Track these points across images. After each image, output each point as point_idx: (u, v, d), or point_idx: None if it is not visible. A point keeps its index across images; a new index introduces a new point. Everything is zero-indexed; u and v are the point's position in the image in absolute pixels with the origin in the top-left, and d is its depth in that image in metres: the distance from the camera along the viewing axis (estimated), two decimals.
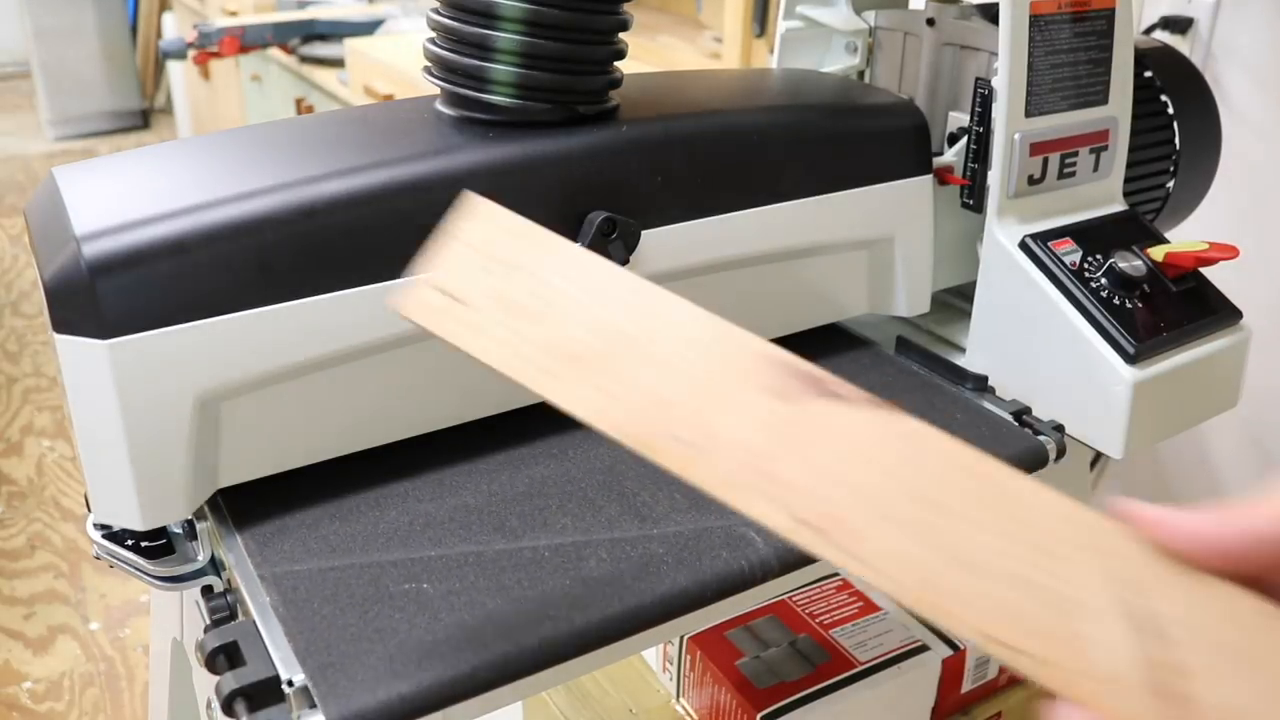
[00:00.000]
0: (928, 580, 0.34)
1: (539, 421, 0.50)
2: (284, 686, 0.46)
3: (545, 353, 0.40)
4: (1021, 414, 0.69)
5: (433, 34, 0.63)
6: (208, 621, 0.53)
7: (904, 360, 0.76)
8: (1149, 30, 1.20)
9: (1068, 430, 0.70)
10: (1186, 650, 0.32)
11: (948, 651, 0.87)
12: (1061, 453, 0.67)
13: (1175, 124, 0.85)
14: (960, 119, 0.78)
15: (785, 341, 0.74)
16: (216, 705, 0.46)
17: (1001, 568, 0.34)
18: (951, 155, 0.77)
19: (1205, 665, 0.32)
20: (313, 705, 0.46)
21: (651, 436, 0.37)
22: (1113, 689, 0.32)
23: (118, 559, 0.56)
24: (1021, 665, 0.33)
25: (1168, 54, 0.89)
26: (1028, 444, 0.66)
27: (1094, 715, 0.31)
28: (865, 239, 0.74)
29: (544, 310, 0.41)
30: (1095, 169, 0.77)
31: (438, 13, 0.62)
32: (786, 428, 0.37)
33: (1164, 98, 0.85)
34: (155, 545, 0.57)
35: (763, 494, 0.36)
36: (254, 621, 0.50)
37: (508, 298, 0.41)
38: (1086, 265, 0.72)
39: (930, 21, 0.80)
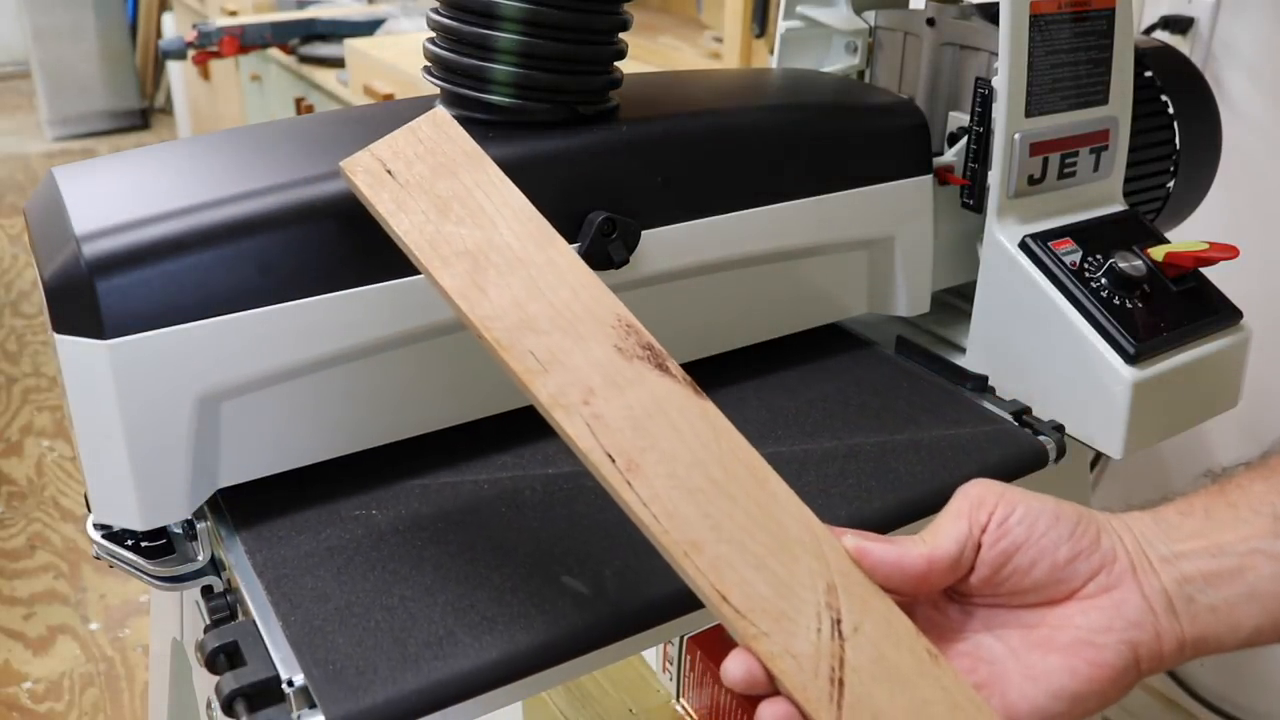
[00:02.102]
0: (688, 536, 0.41)
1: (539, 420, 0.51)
2: (284, 686, 0.46)
3: (446, 243, 0.46)
4: (1021, 414, 0.69)
5: (433, 34, 0.63)
6: (208, 621, 0.53)
7: (904, 360, 0.76)
8: (1149, 30, 1.20)
9: (1068, 430, 0.69)
10: (857, 651, 0.40)
11: None
12: (1061, 453, 0.67)
13: (1175, 124, 0.85)
14: (960, 119, 0.77)
15: (785, 341, 0.75)
16: (216, 705, 0.46)
17: (747, 546, 0.41)
18: (951, 155, 0.77)
19: (866, 667, 0.40)
20: (313, 705, 0.46)
21: (509, 342, 0.44)
22: (799, 666, 0.40)
23: (118, 559, 0.56)
24: (740, 629, 0.40)
25: (1168, 54, 0.89)
26: (1028, 444, 0.66)
27: (758, 666, 0.40)
28: (865, 239, 0.74)
29: (458, 212, 0.47)
30: (1095, 169, 0.77)
31: (438, 13, 0.62)
32: (619, 378, 0.43)
33: (1164, 98, 0.85)
34: (155, 545, 0.57)
35: (582, 419, 0.42)
36: (254, 621, 0.50)
37: (433, 190, 0.48)
38: (1086, 265, 0.72)
39: (930, 21, 0.80)
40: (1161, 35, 1.18)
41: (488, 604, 0.51)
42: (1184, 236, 0.79)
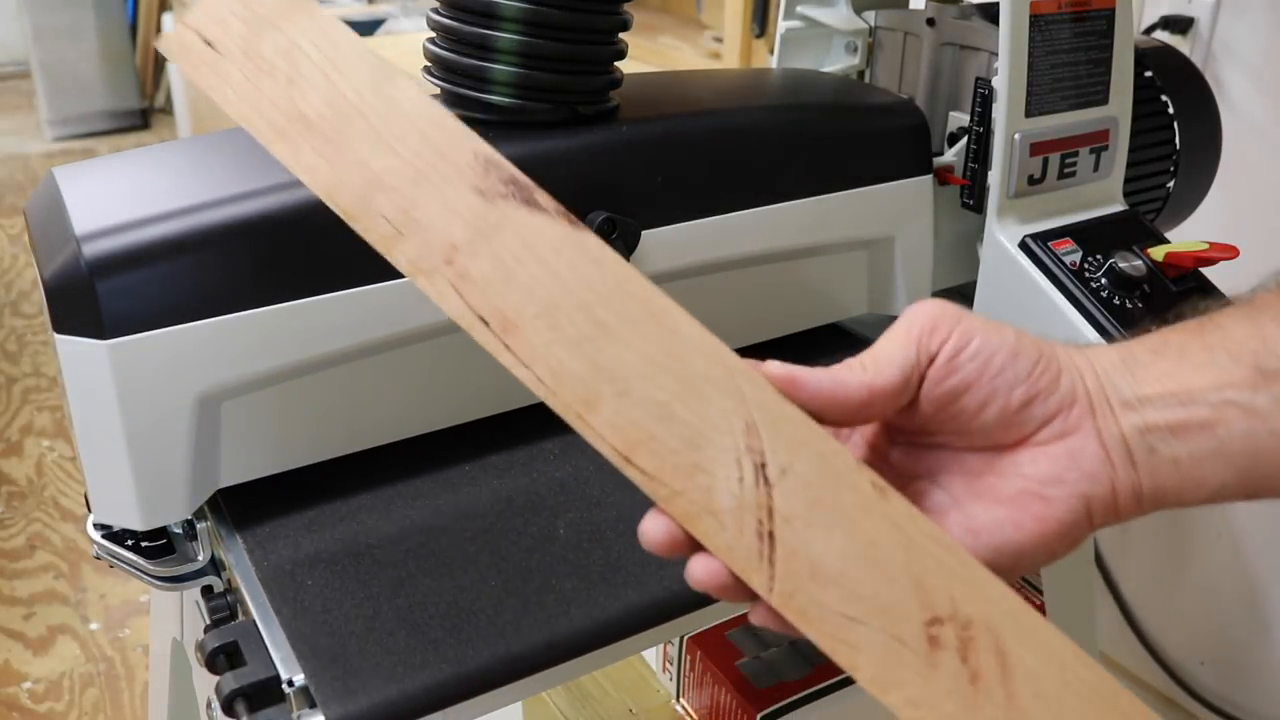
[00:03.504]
0: (580, 394, 0.37)
1: (542, 421, 0.51)
2: (284, 686, 0.46)
3: (279, 111, 0.41)
4: None
5: (433, 34, 0.63)
6: (208, 621, 0.53)
7: None
8: (1149, 30, 1.20)
9: None
10: (787, 497, 0.36)
11: None
12: None
13: (1175, 124, 0.85)
14: (960, 119, 0.77)
15: (785, 341, 0.75)
16: (216, 705, 0.46)
17: (649, 395, 0.36)
18: (951, 155, 0.77)
19: (799, 513, 0.36)
20: (313, 705, 0.46)
21: (359, 210, 0.39)
22: (720, 524, 0.36)
23: (118, 559, 0.56)
24: (653, 491, 0.36)
25: (1168, 54, 0.89)
26: None
27: (678, 527, 0.36)
28: (865, 239, 0.74)
29: (286, 70, 0.42)
30: (1095, 169, 0.77)
31: (438, 13, 0.62)
32: (483, 225, 0.38)
33: (1164, 98, 0.85)
34: (155, 545, 0.57)
35: (447, 282, 0.38)
36: (254, 621, 0.50)
37: (256, 52, 0.42)
38: (1086, 265, 0.72)
39: (930, 21, 0.80)
40: (1161, 35, 1.18)
41: (496, 605, 0.51)
42: (1184, 236, 0.79)
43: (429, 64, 0.64)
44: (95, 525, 0.56)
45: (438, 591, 0.52)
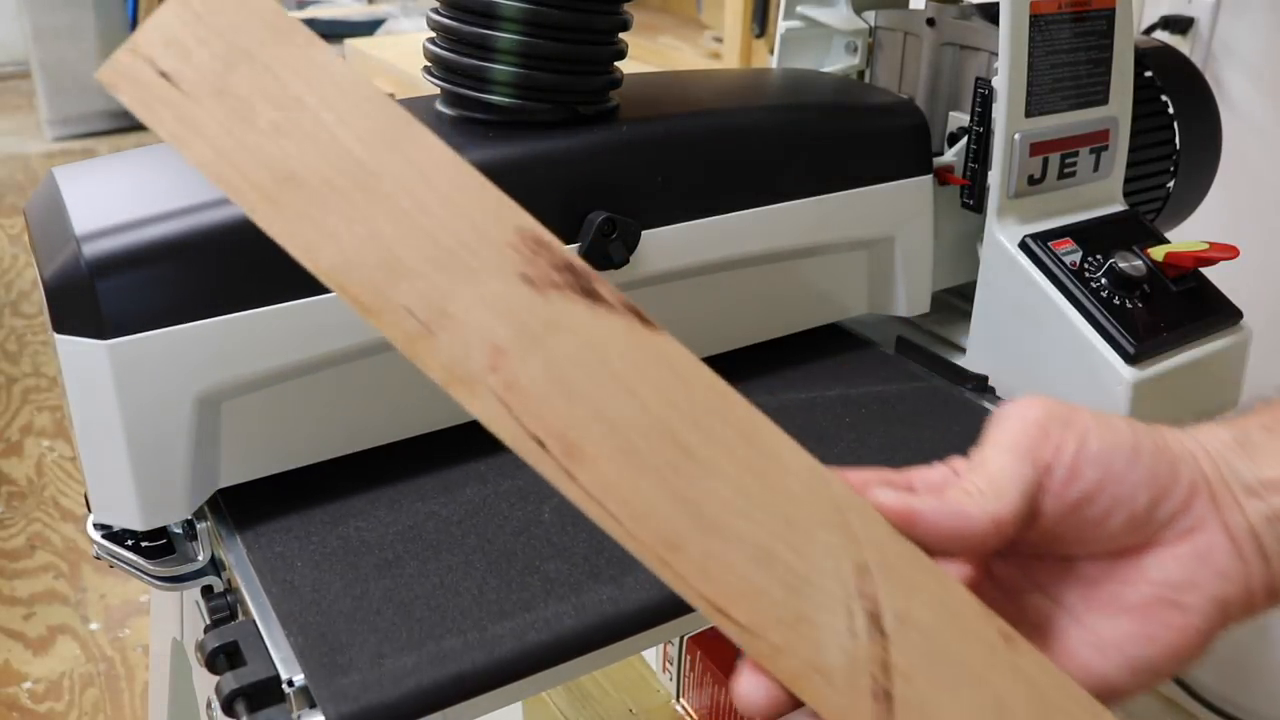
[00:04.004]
0: (661, 534, 0.31)
1: None
2: (284, 686, 0.46)
3: (264, 169, 0.32)
4: None
5: (433, 34, 0.63)
6: (208, 621, 0.53)
7: (904, 360, 0.76)
8: (1149, 30, 1.20)
9: None
10: (905, 650, 0.31)
11: None
12: None
13: (1175, 124, 0.85)
14: (960, 119, 0.77)
15: (785, 342, 0.75)
16: (216, 705, 0.46)
17: (744, 533, 0.31)
18: (951, 155, 0.77)
19: (919, 669, 0.31)
20: (313, 705, 0.46)
21: (375, 299, 0.32)
22: (830, 684, 0.31)
23: (118, 559, 0.56)
24: (752, 647, 0.31)
25: (1168, 54, 0.89)
26: None
27: (779, 688, 0.31)
28: (865, 239, 0.74)
29: (271, 116, 0.32)
30: (1095, 169, 0.77)
31: (438, 13, 0.62)
32: (534, 322, 0.32)
33: (1164, 98, 0.85)
34: (155, 545, 0.57)
35: (493, 394, 0.31)
36: (254, 621, 0.50)
37: (231, 91, 0.32)
38: (1086, 265, 0.72)
39: (930, 21, 0.80)
40: (1161, 35, 1.18)
41: (492, 605, 0.51)
42: (1184, 236, 0.79)
43: (429, 64, 0.64)
44: (95, 525, 0.56)
45: (424, 573, 0.53)
